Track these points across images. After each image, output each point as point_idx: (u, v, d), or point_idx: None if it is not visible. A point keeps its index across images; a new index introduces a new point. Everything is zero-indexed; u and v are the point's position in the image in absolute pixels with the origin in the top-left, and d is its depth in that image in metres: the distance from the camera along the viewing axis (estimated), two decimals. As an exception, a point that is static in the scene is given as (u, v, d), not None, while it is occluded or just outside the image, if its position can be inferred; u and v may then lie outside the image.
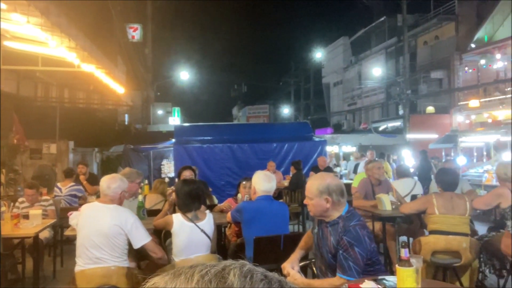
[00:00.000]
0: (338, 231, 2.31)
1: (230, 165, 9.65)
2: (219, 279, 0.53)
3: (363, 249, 2.25)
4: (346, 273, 2.22)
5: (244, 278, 0.53)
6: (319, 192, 2.33)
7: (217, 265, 0.56)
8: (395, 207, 4.57)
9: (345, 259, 2.24)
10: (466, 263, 3.60)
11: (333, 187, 2.33)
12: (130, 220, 2.96)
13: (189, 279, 0.54)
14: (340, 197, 2.33)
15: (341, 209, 2.37)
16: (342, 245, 2.26)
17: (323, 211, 2.36)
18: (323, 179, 2.39)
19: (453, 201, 3.70)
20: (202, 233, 3.08)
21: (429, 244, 3.66)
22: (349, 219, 2.33)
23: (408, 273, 1.94)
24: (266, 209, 3.34)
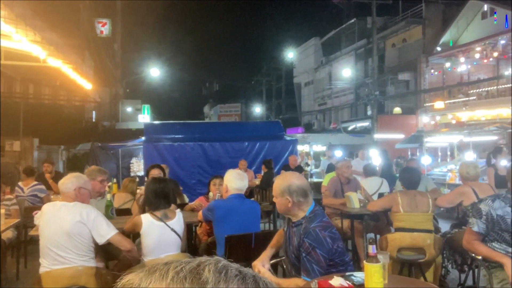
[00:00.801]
0: (300, 232, 2.33)
1: (202, 163, 9.59)
2: (194, 275, 0.53)
3: (325, 250, 2.26)
4: (310, 276, 2.23)
5: (218, 274, 0.53)
6: (281, 192, 2.36)
7: (192, 262, 0.56)
8: (363, 205, 4.68)
9: (308, 262, 2.24)
10: (430, 259, 3.74)
11: (294, 188, 2.34)
12: (91, 215, 2.88)
13: (164, 276, 0.54)
14: (300, 198, 2.33)
15: (306, 209, 2.38)
16: (304, 248, 2.27)
17: (287, 210, 2.39)
18: (285, 179, 2.42)
19: (416, 199, 3.83)
20: (173, 232, 3.05)
21: (395, 241, 3.77)
22: (311, 220, 2.33)
23: (375, 269, 1.99)
24: (237, 207, 3.35)
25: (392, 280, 2.17)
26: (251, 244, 3.29)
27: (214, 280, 0.52)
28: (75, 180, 3.03)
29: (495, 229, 2.58)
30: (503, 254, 2.53)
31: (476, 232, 2.63)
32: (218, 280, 0.52)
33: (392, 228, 4.26)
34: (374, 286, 1.99)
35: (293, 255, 2.38)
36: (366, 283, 2.02)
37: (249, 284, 0.53)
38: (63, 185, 2.99)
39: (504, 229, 2.55)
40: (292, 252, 2.40)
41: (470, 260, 3.72)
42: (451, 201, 4.32)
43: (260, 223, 3.90)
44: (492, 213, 2.57)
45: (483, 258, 2.68)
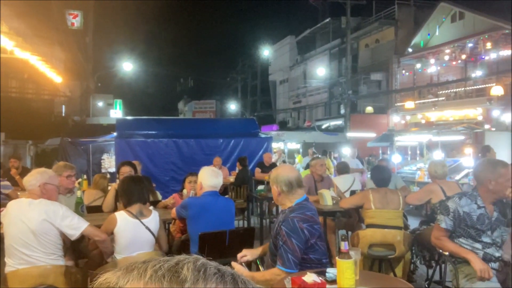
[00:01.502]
0: (280, 220, 2.43)
1: (175, 160, 9.49)
2: (172, 273, 0.53)
3: (301, 241, 2.31)
4: (285, 265, 2.27)
5: (197, 272, 0.53)
6: (271, 182, 2.57)
7: (170, 260, 0.55)
8: (335, 202, 4.75)
9: (284, 251, 2.29)
10: (400, 255, 3.84)
11: (281, 178, 2.48)
12: (59, 212, 2.80)
13: (142, 274, 0.53)
14: (284, 187, 2.46)
15: (293, 200, 2.48)
16: (281, 235, 2.33)
17: (276, 198, 2.56)
18: (277, 170, 2.64)
19: (387, 196, 3.92)
20: (147, 230, 3.01)
21: (366, 237, 3.85)
22: (294, 210, 2.41)
23: (347, 265, 2.03)
24: (212, 204, 3.33)
25: (363, 276, 2.21)
26: (225, 242, 3.29)
27: (192, 279, 0.52)
28: (40, 176, 2.93)
29: (462, 225, 2.67)
30: (469, 250, 2.62)
31: (443, 229, 2.72)
32: (197, 278, 0.52)
33: (363, 224, 4.35)
34: (346, 282, 2.02)
35: (272, 241, 2.47)
36: (338, 279, 2.06)
37: (228, 282, 0.53)
38: (27, 182, 2.90)
39: (470, 226, 2.64)
40: (273, 237, 2.48)
41: (438, 255, 3.84)
42: (420, 199, 4.45)
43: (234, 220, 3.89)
44: (459, 210, 2.66)
45: (450, 254, 2.77)
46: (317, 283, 1.94)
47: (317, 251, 2.39)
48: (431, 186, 4.42)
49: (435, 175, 4.44)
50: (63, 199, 3.67)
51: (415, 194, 4.67)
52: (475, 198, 2.69)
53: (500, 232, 2.67)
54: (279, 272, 2.29)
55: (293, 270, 2.27)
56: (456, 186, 4.47)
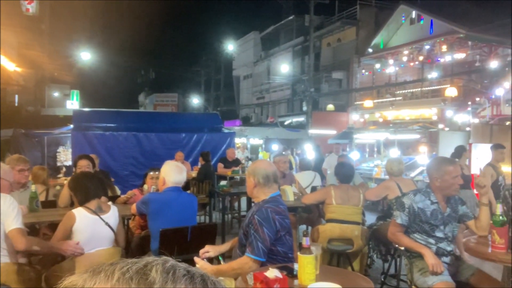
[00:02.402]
0: (254, 210, 2.49)
1: (135, 154, 9.29)
2: (140, 275, 0.52)
3: (272, 230, 2.38)
4: (254, 253, 2.33)
5: (166, 274, 0.52)
6: (248, 173, 2.62)
7: (138, 262, 0.54)
8: (297, 198, 4.82)
9: (254, 239, 2.35)
10: (357, 250, 3.96)
11: (258, 170, 2.56)
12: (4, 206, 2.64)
13: (109, 277, 0.52)
14: (261, 179, 2.52)
15: (268, 193, 2.55)
16: (253, 224, 2.39)
17: (251, 191, 2.60)
18: (255, 163, 2.75)
19: (348, 192, 4.03)
20: (107, 226, 2.93)
21: (326, 232, 3.94)
22: (268, 202, 2.50)
23: (308, 260, 2.07)
24: (174, 200, 3.29)
25: (323, 270, 2.26)
26: (187, 238, 3.26)
27: (161, 281, 0.51)
28: None
29: (416, 221, 2.79)
30: (423, 245, 2.74)
31: (399, 224, 2.83)
32: (166, 280, 0.51)
33: (323, 220, 4.45)
34: (307, 276, 2.06)
35: (242, 230, 2.52)
36: (299, 274, 2.09)
37: (197, 283, 0.53)
38: None
39: (424, 221, 2.77)
40: (242, 228, 2.55)
41: (393, 250, 4.00)
42: (377, 195, 4.60)
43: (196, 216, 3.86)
44: (414, 206, 2.78)
45: (405, 249, 2.89)
46: (279, 278, 1.96)
47: (284, 245, 2.46)
48: (388, 183, 4.59)
49: (391, 172, 4.61)
50: (17, 195, 3.49)
51: (373, 190, 4.83)
52: (428, 194, 2.81)
53: (451, 227, 2.81)
54: (247, 260, 2.33)
55: (261, 258, 2.33)
56: (412, 183, 4.67)
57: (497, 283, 2.74)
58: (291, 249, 2.52)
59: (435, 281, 2.57)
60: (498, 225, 2.61)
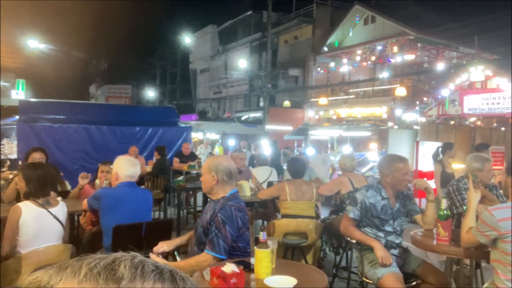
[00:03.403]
0: (216, 207, 2.46)
1: (86, 148, 8.94)
2: (108, 271, 0.50)
3: (234, 229, 2.40)
4: (215, 250, 2.33)
5: (134, 270, 0.51)
6: (209, 169, 2.53)
7: (106, 257, 0.53)
8: (253, 193, 4.86)
9: (216, 236, 2.36)
10: (311, 243, 4.06)
11: (221, 167, 2.52)
12: None
13: (76, 272, 0.50)
14: (225, 177, 2.51)
15: (227, 190, 2.53)
16: (216, 222, 2.39)
17: (210, 188, 2.53)
18: (216, 159, 2.66)
19: (302, 188, 4.12)
20: (55, 220, 2.80)
21: (281, 227, 4.01)
22: (230, 199, 2.49)
23: (265, 254, 2.10)
24: (128, 196, 3.20)
25: (278, 264, 2.30)
26: (141, 234, 3.19)
27: (130, 276, 0.50)
28: None
29: (368, 215, 2.90)
30: (373, 238, 2.86)
31: (351, 218, 2.93)
32: (134, 276, 0.50)
33: (278, 214, 4.52)
34: (264, 270, 2.09)
35: (202, 228, 2.48)
36: (256, 268, 2.11)
37: (166, 279, 0.52)
38: None
39: (375, 216, 2.89)
40: (201, 225, 2.49)
41: (345, 243, 4.14)
42: (331, 190, 4.74)
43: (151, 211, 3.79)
44: (366, 201, 2.89)
45: (357, 242, 3.00)
46: (236, 272, 1.97)
47: (244, 240, 2.50)
48: (341, 178, 4.74)
49: (344, 168, 4.77)
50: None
51: (326, 185, 4.96)
52: (379, 190, 2.93)
53: (400, 222, 2.95)
54: (207, 257, 2.33)
55: (222, 255, 2.34)
56: (363, 179, 4.84)
57: (440, 273, 2.91)
58: (249, 243, 2.56)
59: (384, 273, 2.69)
60: (442, 219, 2.77)
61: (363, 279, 2.95)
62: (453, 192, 3.58)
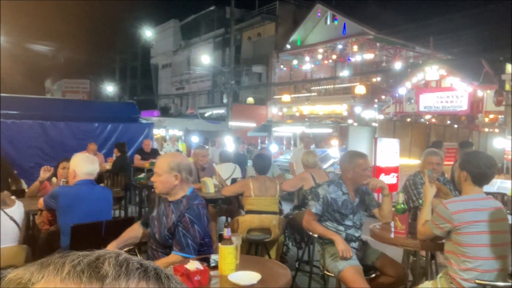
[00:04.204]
0: (180, 208, 2.40)
1: (41, 145, 8.55)
2: (92, 269, 0.49)
3: (202, 227, 2.39)
4: (184, 251, 2.31)
5: (119, 268, 0.50)
6: (169, 169, 2.40)
7: (90, 255, 0.51)
8: (217, 190, 4.84)
9: (184, 236, 2.33)
10: (275, 238, 4.11)
11: (184, 166, 2.45)
12: None
13: (59, 270, 0.49)
14: (188, 176, 2.45)
15: (187, 188, 2.48)
16: (183, 222, 2.35)
17: (170, 188, 2.42)
18: (175, 157, 2.55)
19: (266, 184, 4.16)
20: (11, 220, 2.67)
21: (245, 223, 4.03)
22: (193, 198, 2.45)
23: (229, 251, 2.10)
24: (86, 194, 3.10)
25: (242, 260, 2.31)
26: (101, 233, 3.10)
27: (114, 274, 0.49)
28: None
29: (329, 210, 2.97)
30: (334, 232, 2.94)
31: (314, 213, 2.99)
32: (119, 274, 0.49)
33: (242, 211, 4.53)
34: (228, 266, 2.10)
35: (166, 232, 2.40)
36: (220, 264, 2.12)
37: (151, 277, 0.51)
38: None
39: (336, 210, 2.96)
40: (166, 229, 2.41)
41: (307, 238, 4.22)
42: (294, 186, 4.81)
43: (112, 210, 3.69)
44: (327, 196, 2.96)
45: (318, 236, 3.06)
46: (200, 270, 1.97)
47: (208, 235, 2.51)
48: (303, 174, 4.81)
49: (307, 164, 4.85)
50: None
51: (289, 181, 5.02)
52: (340, 185, 3.01)
53: (359, 216, 3.04)
54: (175, 258, 2.30)
55: (192, 255, 2.31)
56: (325, 174, 4.95)
57: (398, 265, 3.03)
58: (209, 236, 2.56)
59: (345, 266, 2.77)
60: (400, 212, 2.88)
61: (324, 272, 3.02)
62: (410, 187, 3.72)
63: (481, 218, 2.25)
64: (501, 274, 2.25)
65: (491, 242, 2.23)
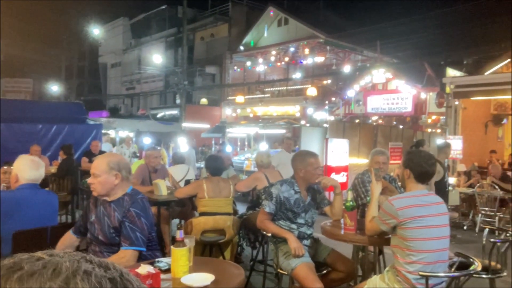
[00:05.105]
0: (124, 205, 2.39)
1: (-21, 147, 8.00)
2: None
3: (149, 219, 2.41)
4: (134, 244, 2.31)
5: None
6: (109, 168, 2.39)
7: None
8: (170, 192, 4.76)
9: (132, 230, 2.32)
10: (229, 239, 4.11)
11: (123, 164, 2.47)
12: None
13: None
14: (128, 174, 2.47)
15: (127, 187, 2.48)
16: (129, 217, 2.35)
17: (110, 189, 2.40)
18: (113, 156, 2.58)
19: (220, 185, 4.14)
20: None
21: (199, 225, 3.99)
22: (135, 193, 2.47)
23: (182, 253, 2.08)
24: (30, 199, 2.93)
25: (196, 262, 2.29)
26: (46, 240, 2.94)
27: None
28: None
29: (282, 209, 3.02)
30: (287, 230, 2.99)
31: (267, 212, 3.03)
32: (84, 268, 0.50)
33: (196, 212, 4.49)
34: (181, 269, 2.07)
35: (112, 230, 2.38)
36: (173, 266, 2.08)
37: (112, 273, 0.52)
38: None
39: (289, 209, 3.02)
40: (111, 228, 2.39)
41: (261, 237, 4.25)
42: (248, 186, 4.84)
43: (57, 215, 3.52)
44: (280, 195, 3.01)
45: (272, 235, 3.10)
46: (152, 273, 1.93)
47: (154, 230, 2.54)
48: (257, 174, 4.86)
49: (261, 164, 4.90)
50: None
51: (243, 182, 5.05)
52: (292, 184, 3.07)
53: (311, 214, 3.12)
54: (125, 253, 2.29)
55: (142, 248, 2.33)
56: (278, 174, 5.02)
57: (348, 260, 3.14)
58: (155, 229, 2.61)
59: (298, 263, 2.83)
60: (349, 209, 2.98)
61: (278, 270, 3.06)
62: (358, 185, 3.86)
63: (424, 213, 2.38)
64: (442, 265, 2.39)
65: (433, 236, 2.36)
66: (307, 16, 19.74)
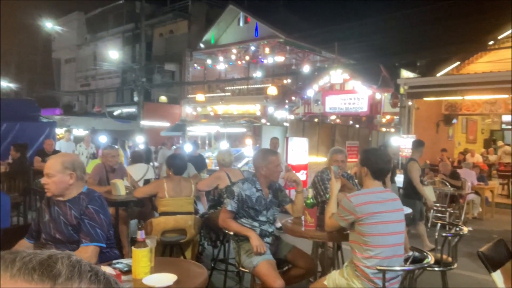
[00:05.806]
0: (80, 203, 2.38)
1: None
2: (45, 267, 0.48)
3: (107, 216, 2.43)
4: (95, 240, 2.30)
5: (72, 268, 0.50)
6: (63, 168, 2.37)
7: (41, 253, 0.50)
8: (129, 192, 4.65)
9: (92, 227, 2.32)
10: (190, 239, 4.08)
11: (78, 164, 2.46)
12: None
13: (9, 265, 0.47)
14: (83, 174, 2.45)
15: (81, 187, 2.46)
16: (88, 214, 2.34)
17: (65, 188, 2.39)
18: (68, 156, 2.58)
19: (181, 184, 4.10)
20: None
21: (160, 225, 3.93)
22: (91, 191, 2.48)
23: (143, 254, 2.05)
24: (-22, 200, 2.79)
25: (157, 262, 2.27)
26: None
27: (67, 274, 0.49)
28: None
29: (244, 207, 3.04)
30: (249, 228, 3.02)
31: (229, 211, 3.04)
32: (72, 274, 0.49)
33: (156, 212, 4.42)
34: (142, 270, 2.04)
35: (70, 227, 2.36)
36: (134, 268, 2.05)
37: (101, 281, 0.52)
38: None
39: (250, 207, 3.04)
40: (69, 225, 2.37)
41: (223, 236, 4.26)
42: (209, 185, 4.82)
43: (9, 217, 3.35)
44: (242, 193, 3.03)
45: (234, 233, 3.12)
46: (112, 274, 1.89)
47: (112, 227, 2.55)
48: (219, 173, 4.84)
49: (222, 163, 4.89)
50: None
51: (205, 181, 5.02)
52: (254, 183, 3.10)
53: (273, 212, 3.16)
54: (85, 249, 2.26)
55: (102, 243, 2.33)
56: (239, 173, 5.03)
57: (308, 257, 3.21)
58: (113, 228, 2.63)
59: (259, 260, 2.86)
60: (309, 206, 3.05)
61: (240, 269, 3.08)
62: (318, 183, 3.96)
63: (380, 209, 2.48)
64: (398, 259, 2.50)
65: (389, 231, 2.46)
66: (267, 15, 19.88)
